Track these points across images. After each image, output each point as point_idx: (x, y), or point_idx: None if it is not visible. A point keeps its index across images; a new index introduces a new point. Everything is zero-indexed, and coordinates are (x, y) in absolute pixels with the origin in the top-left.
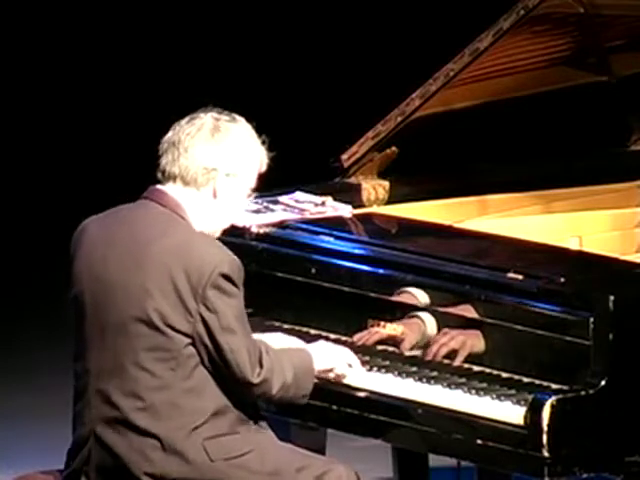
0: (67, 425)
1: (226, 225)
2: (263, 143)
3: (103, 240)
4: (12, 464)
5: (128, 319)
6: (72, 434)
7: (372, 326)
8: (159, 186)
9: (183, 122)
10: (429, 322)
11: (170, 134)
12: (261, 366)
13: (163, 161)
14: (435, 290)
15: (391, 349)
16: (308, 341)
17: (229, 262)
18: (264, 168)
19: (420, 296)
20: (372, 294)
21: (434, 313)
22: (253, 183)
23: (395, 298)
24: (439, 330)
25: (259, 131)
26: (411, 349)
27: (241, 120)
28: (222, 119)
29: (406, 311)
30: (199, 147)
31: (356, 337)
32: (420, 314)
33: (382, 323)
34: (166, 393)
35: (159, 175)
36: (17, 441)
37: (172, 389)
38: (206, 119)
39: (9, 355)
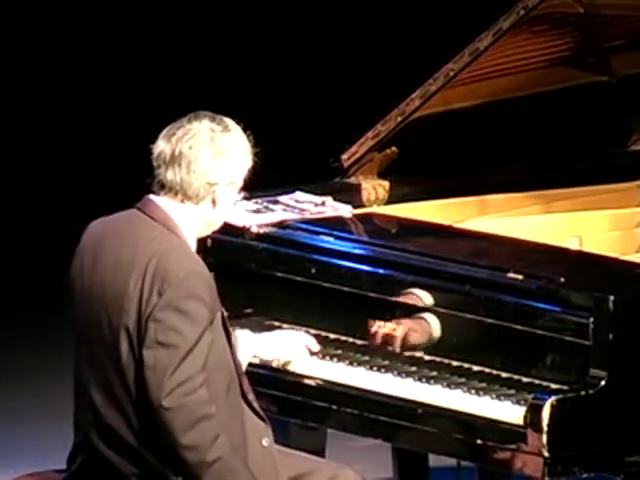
0: (66, 425)
1: (218, 226)
2: (248, 137)
3: (92, 256)
4: (12, 464)
5: (107, 336)
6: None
7: (371, 326)
8: (153, 198)
9: (179, 132)
10: (434, 324)
11: (165, 144)
12: (181, 396)
13: (162, 174)
14: (438, 291)
15: (391, 349)
16: None
17: (202, 277)
18: (251, 163)
19: (425, 297)
20: (372, 294)
21: (439, 314)
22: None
23: (399, 299)
24: (443, 332)
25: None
26: (414, 349)
27: (233, 126)
28: (217, 130)
29: (410, 312)
30: (201, 163)
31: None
32: (425, 315)
33: (382, 323)
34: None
35: (156, 186)
36: (17, 441)
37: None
38: (202, 129)
39: (9, 356)
